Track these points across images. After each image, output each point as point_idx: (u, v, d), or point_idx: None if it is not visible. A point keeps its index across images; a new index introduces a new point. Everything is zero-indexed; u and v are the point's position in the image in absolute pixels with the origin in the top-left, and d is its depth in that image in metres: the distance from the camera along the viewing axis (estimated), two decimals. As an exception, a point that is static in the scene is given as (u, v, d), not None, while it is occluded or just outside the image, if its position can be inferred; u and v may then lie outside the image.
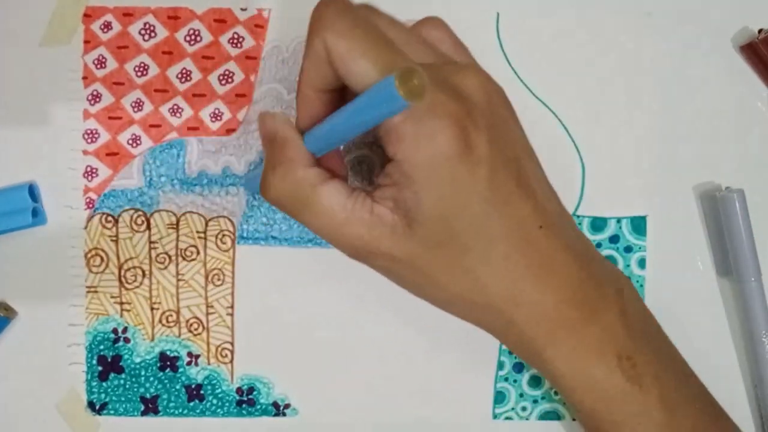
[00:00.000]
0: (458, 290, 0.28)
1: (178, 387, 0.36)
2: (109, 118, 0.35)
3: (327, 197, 0.27)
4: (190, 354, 0.36)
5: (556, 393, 0.36)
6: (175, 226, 0.35)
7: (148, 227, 0.35)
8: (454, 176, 0.26)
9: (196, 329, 0.35)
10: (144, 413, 0.36)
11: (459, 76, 0.27)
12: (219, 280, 0.35)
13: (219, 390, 0.36)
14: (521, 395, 0.36)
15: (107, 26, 0.35)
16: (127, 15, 0.35)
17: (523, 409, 0.36)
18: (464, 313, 0.30)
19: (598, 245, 0.36)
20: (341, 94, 0.28)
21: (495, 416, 0.36)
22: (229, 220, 0.35)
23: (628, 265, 0.36)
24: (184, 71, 0.35)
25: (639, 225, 0.36)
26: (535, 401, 0.36)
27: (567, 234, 0.30)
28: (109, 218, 0.35)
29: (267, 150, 0.29)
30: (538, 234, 0.28)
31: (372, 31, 0.26)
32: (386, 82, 0.22)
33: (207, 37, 0.35)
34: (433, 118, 0.25)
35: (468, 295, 0.28)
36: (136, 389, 0.35)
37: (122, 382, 0.35)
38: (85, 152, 0.35)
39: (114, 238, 0.35)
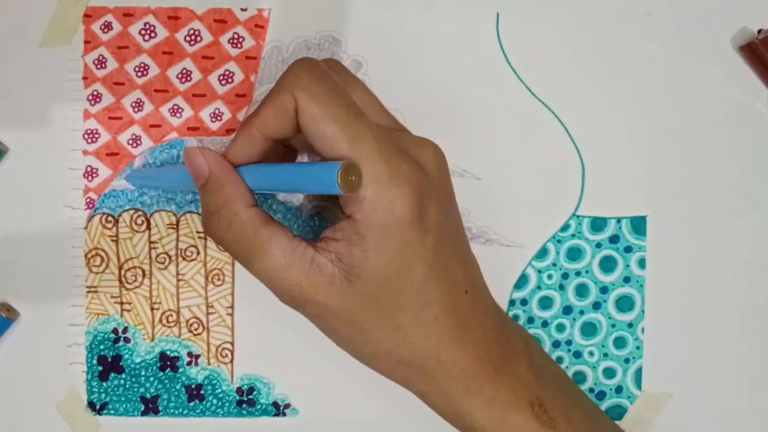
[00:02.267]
0: (387, 346, 0.30)
1: (178, 387, 0.36)
2: (110, 118, 0.35)
3: (269, 240, 0.28)
4: (190, 354, 0.36)
5: (556, 393, 0.36)
6: (175, 226, 0.35)
7: (148, 227, 0.35)
8: (404, 241, 0.28)
9: (196, 329, 0.35)
10: (144, 413, 0.36)
11: (418, 149, 0.29)
12: (219, 280, 0.35)
13: (219, 390, 0.36)
14: (521, 395, 0.36)
15: (107, 26, 0.35)
16: (128, 15, 0.35)
17: (523, 409, 0.36)
18: (387, 369, 0.32)
19: (598, 245, 0.36)
20: (280, 143, 0.30)
21: (495, 416, 0.36)
22: (229, 220, 0.35)
23: (628, 265, 0.36)
24: (184, 71, 0.35)
25: (639, 225, 0.36)
26: (535, 401, 0.36)
27: (484, 297, 0.32)
28: (110, 218, 0.35)
29: (202, 189, 0.29)
30: (463, 298, 0.30)
31: (343, 97, 0.28)
32: (329, 170, 0.25)
33: (207, 37, 0.35)
34: (395, 186, 0.27)
35: (395, 351, 0.30)
36: (136, 389, 0.36)
37: (122, 382, 0.35)
38: (85, 152, 0.35)
39: (114, 238, 0.35)
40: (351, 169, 0.25)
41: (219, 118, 0.35)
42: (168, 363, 0.36)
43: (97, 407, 0.36)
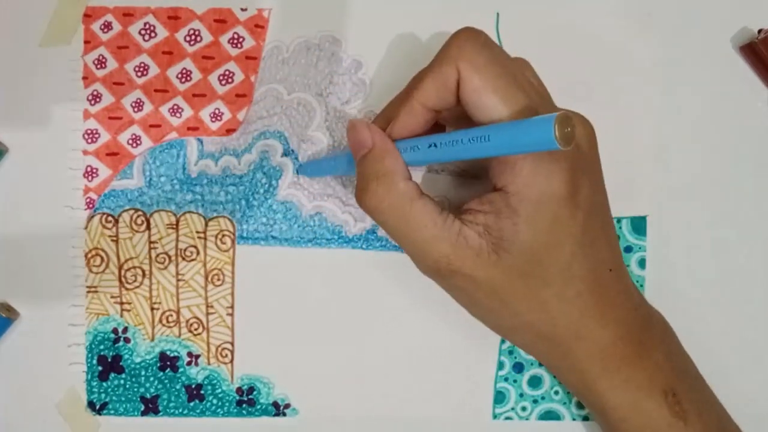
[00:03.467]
0: (528, 319, 0.30)
1: (178, 387, 0.36)
2: (110, 118, 0.35)
3: (422, 212, 0.28)
4: (190, 354, 0.36)
5: (556, 393, 0.36)
6: (174, 226, 0.35)
7: (148, 227, 0.35)
8: (556, 216, 0.28)
9: (196, 329, 0.35)
10: (144, 413, 0.36)
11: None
12: (219, 280, 0.35)
13: (219, 390, 0.36)
14: (521, 395, 0.36)
15: (107, 26, 0.35)
16: (128, 15, 0.35)
17: (523, 409, 0.36)
18: (525, 342, 0.32)
19: (598, 245, 0.36)
20: (442, 113, 0.30)
21: (495, 416, 0.36)
22: (229, 219, 0.35)
23: (628, 265, 0.36)
24: (184, 71, 0.35)
25: (639, 225, 0.36)
26: (535, 401, 0.36)
27: (626, 277, 0.32)
28: (109, 218, 0.35)
29: (363, 159, 0.30)
30: (607, 276, 0.30)
31: (504, 69, 0.27)
32: (545, 122, 0.23)
33: (207, 37, 0.35)
34: (552, 160, 0.27)
35: (536, 324, 0.30)
36: (136, 389, 0.36)
37: (122, 382, 0.35)
38: (85, 152, 0.35)
39: (114, 238, 0.35)
40: (566, 121, 0.23)
41: (219, 118, 0.35)
42: (168, 363, 0.36)
43: (97, 407, 0.36)
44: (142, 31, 0.35)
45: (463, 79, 0.27)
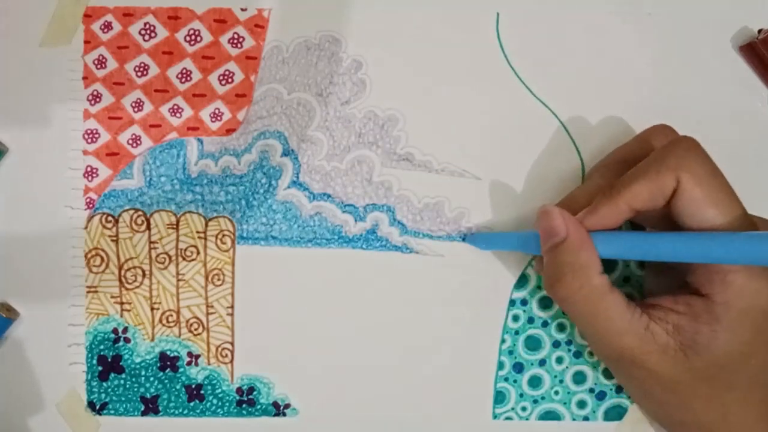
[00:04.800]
0: (704, 419, 0.30)
1: (178, 387, 0.36)
2: (110, 118, 0.35)
3: (612, 306, 0.29)
4: (190, 354, 0.36)
5: (556, 393, 0.36)
6: (174, 226, 0.35)
7: (148, 227, 0.35)
8: (759, 329, 0.28)
9: (196, 329, 0.35)
10: (144, 413, 0.36)
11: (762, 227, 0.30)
12: (219, 280, 0.35)
13: (219, 390, 0.36)
14: (521, 395, 0.36)
15: (107, 26, 0.35)
16: (128, 15, 0.35)
17: (523, 409, 0.36)
18: None
19: (598, 245, 0.36)
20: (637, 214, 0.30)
21: (495, 416, 0.36)
22: (229, 220, 0.35)
23: (628, 265, 0.36)
24: (184, 71, 0.35)
25: (639, 225, 0.36)
26: (535, 401, 0.36)
27: None
28: (110, 218, 0.35)
29: (557, 249, 0.29)
30: None
31: (723, 182, 0.28)
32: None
33: (207, 37, 0.35)
34: (763, 277, 0.28)
35: (710, 425, 0.30)
36: (136, 389, 0.36)
37: (122, 382, 0.35)
38: (85, 152, 0.35)
39: (114, 238, 0.35)
40: None
41: (219, 118, 0.35)
42: (168, 363, 0.36)
43: (97, 407, 0.36)
44: (142, 31, 0.35)
45: (682, 190, 0.28)
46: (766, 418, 0.30)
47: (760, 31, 0.36)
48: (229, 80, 0.35)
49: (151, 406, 0.36)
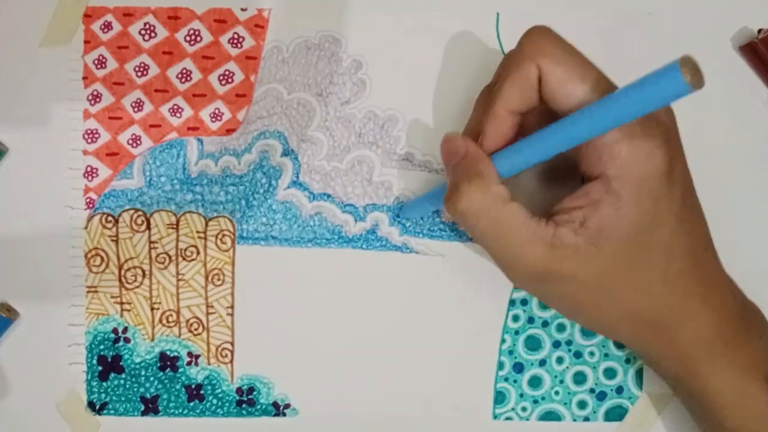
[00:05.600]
0: (635, 307, 0.29)
1: (178, 387, 0.36)
2: (110, 118, 0.35)
3: (514, 215, 0.28)
4: (190, 354, 0.36)
5: (556, 393, 0.36)
6: (174, 226, 0.35)
7: (148, 227, 0.35)
8: (658, 195, 0.27)
9: (196, 329, 0.35)
10: (144, 413, 0.36)
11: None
12: (219, 280, 0.35)
13: (219, 390, 0.36)
14: (521, 395, 0.36)
15: (107, 26, 0.35)
16: (128, 15, 0.35)
17: (523, 409, 0.36)
18: (627, 334, 0.31)
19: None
20: (523, 118, 0.30)
21: (495, 416, 0.36)
22: (229, 219, 0.35)
23: (628, 265, 0.36)
24: (184, 71, 0.35)
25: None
26: (535, 401, 0.36)
27: (718, 258, 0.31)
28: (110, 218, 0.35)
29: (456, 166, 0.29)
30: (705, 255, 0.30)
31: (581, 57, 0.28)
32: (672, 68, 0.23)
33: (207, 37, 0.35)
34: (649, 138, 0.27)
35: (643, 311, 0.29)
36: (136, 389, 0.35)
37: (122, 382, 0.35)
38: (85, 152, 0.35)
39: (114, 238, 0.35)
40: (690, 62, 0.23)
41: (219, 118, 0.35)
42: (168, 363, 0.36)
43: (97, 407, 0.35)
44: (142, 31, 0.35)
45: (545, 75, 0.27)
46: (693, 295, 0.29)
47: (760, 31, 0.36)
48: (229, 80, 0.35)
49: (151, 406, 0.36)
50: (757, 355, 0.31)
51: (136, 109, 0.35)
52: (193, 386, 0.36)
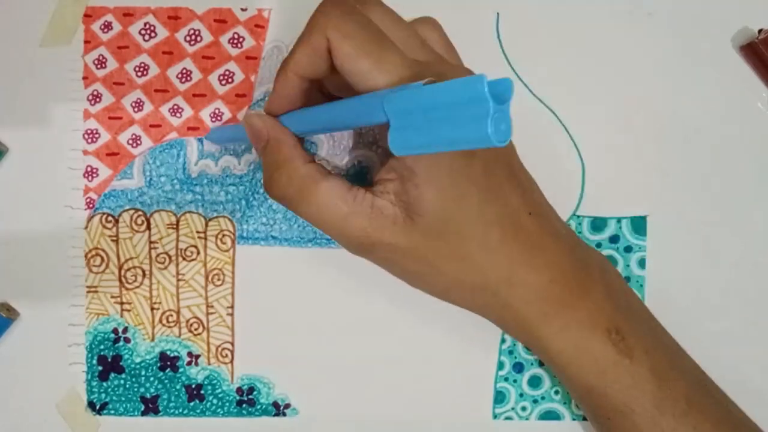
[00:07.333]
0: (458, 276, 0.30)
1: (178, 387, 0.36)
2: (110, 118, 0.35)
3: (329, 192, 0.28)
4: (190, 354, 0.36)
5: (556, 393, 0.36)
6: (174, 226, 0.35)
7: (148, 227, 0.35)
8: (453, 168, 0.28)
9: (196, 329, 0.35)
10: (144, 413, 0.36)
11: (453, 76, 0.28)
12: (219, 280, 0.35)
13: (219, 390, 0.36)
14: (521, 395, 0.36)
15: (107, 26, 0.35)
16: (128, 15, 0.35)
17: (523, 409, 0.36)
18: (462, 299, 0.31)
19: (598, 245, 0.36)
20: (316, 84, 0.30)
21: (495, 416, 0.36)
22: (229, 219, 0.35)
23: (628, 265, 0.36)
24: (184, 71, 0.35)
25: (639, 225, 0.36)
26: (535, 401, 0.36)
27: (552, 221, 0.32)
28: (110, 218, 0.35)
29: (263, 151, 0.30)
30: (528, 220, 0.30)
31: (375, 33, 0.27)
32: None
33: (207, 37, 0.35)
34: None
35: (467, 279, 0.30)
36: (136, 389, 0.36)
37: (122, 382, 0.35)
38: (85, 152, 0.35)
39: (114, 238, 0.35)
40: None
41: (219, 118, 0.35)
42: (168, 363, 0.36)
43: (97, 407, 0.36)
44: (142, 31, 0.35)
45: (334, 49, 0.27)
46: (518, 260, 0.30)
47: (760, 31, 0.36)
48: (229, 80, 0.35)
49: (151, 406, 0.36)
50: (597, 309, 0.31)
51: (136, 109, 0.35)
52: (194, 386, 0.36)
